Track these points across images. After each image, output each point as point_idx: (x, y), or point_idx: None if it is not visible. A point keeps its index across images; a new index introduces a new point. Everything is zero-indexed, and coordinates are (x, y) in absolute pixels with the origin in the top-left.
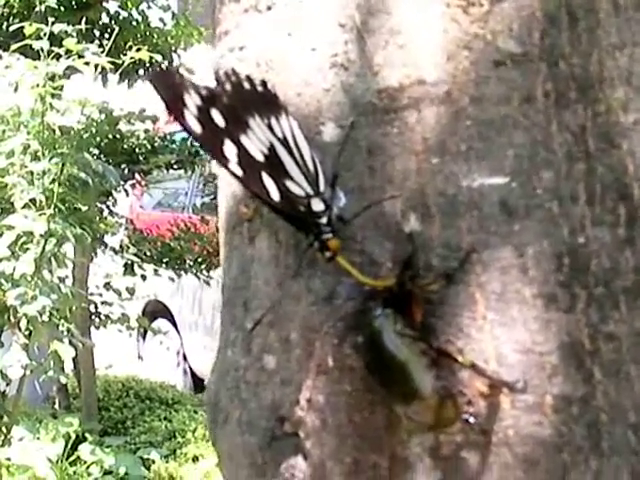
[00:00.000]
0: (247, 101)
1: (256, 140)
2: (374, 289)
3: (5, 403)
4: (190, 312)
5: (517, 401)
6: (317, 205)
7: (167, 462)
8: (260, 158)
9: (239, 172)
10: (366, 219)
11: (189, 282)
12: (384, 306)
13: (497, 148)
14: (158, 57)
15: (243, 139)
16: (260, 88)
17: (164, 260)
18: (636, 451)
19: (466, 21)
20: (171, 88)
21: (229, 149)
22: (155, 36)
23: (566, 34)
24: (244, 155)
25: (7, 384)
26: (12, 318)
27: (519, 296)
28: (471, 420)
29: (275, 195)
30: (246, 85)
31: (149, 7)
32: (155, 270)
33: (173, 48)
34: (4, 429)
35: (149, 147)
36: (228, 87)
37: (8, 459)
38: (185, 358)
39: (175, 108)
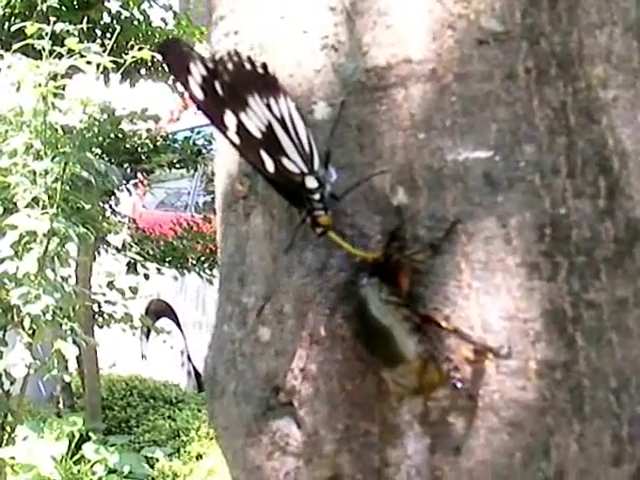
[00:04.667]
0: (247, 81)
1: (255, 118)
2: (364, 261)
3: (9, 402)
4: (193, 311)
5: (502, 366)
6: (311, 182)
7: (171, 460)
8: (258, 135)
9: (237, 140)
10: (356, 194)
11: (192, 281)
12: (371, 276)
13: (481, 123)
14: (159, 56)
15: (242, 116)
16: (260, 70)
17: (167, 259)
18: (617, 414)
19: (450, 1)
20: (178, 56)
21: (229, 119)
22: (157, 35)
23: (546, 13)
24: (242, 130)
25: (11, 383)
26: (16, 317)
27: (503, 265)
28: (458, 385)
29: (270, 167)
30: (247, 66)
31: (151, 6)
32: (158, 269)
33: None
34: (8, 428)
35: (151, 146)
36: (230, 66)
37: (12, 458)
38: (189, 358)
39: (180, 74)
